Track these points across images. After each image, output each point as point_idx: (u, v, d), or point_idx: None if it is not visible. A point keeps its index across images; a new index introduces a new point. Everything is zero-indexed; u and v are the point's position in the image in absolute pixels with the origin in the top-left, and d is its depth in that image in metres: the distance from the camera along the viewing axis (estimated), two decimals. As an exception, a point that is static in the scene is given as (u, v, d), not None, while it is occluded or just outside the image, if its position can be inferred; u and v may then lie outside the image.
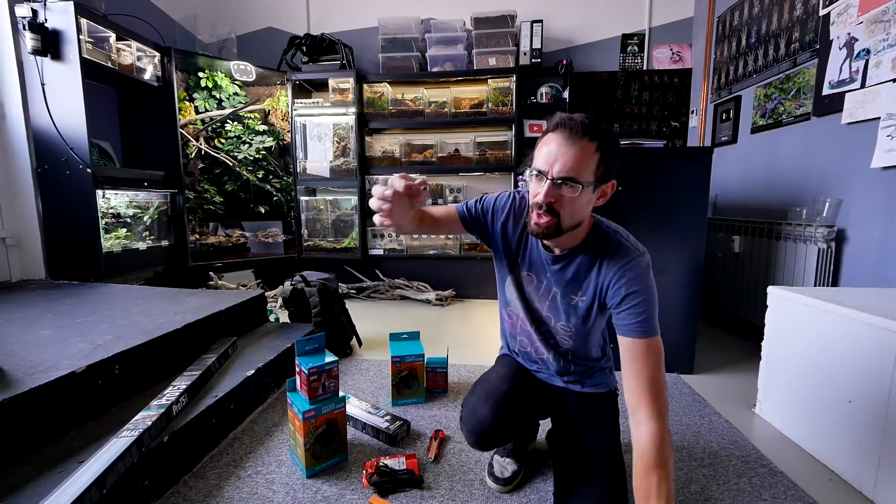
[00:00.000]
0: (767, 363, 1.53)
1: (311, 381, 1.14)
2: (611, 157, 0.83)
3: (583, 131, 0.79)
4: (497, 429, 1.02)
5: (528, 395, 1.11)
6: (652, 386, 0.83)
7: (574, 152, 0.79)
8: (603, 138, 0.81)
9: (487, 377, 1.12)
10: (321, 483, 1.14)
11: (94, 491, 0.84)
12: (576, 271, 0.94)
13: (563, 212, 0.83)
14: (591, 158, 0.80)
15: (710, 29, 2.92)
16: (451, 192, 3.30)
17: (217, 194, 3.08)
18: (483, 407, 1.02)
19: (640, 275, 0.88)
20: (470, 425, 1.04)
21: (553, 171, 0.81)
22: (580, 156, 0.79)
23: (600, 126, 0.81)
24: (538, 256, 0.99)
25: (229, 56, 3.16)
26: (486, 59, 3.10)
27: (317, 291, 2.05)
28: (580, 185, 0.80)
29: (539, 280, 1.02)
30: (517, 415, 1.07)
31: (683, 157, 1.87)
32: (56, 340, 1.30)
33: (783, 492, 1.12)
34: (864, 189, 1.75)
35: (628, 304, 0.87)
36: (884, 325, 1.09)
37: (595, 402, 1.10)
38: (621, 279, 0.88)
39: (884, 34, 1.62)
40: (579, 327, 1.01)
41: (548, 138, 0.83)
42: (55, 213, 2.19)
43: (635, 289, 0.87)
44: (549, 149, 0.82)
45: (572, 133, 0.79)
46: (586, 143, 0.80)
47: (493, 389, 1.05)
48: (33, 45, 2.00)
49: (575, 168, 0.79)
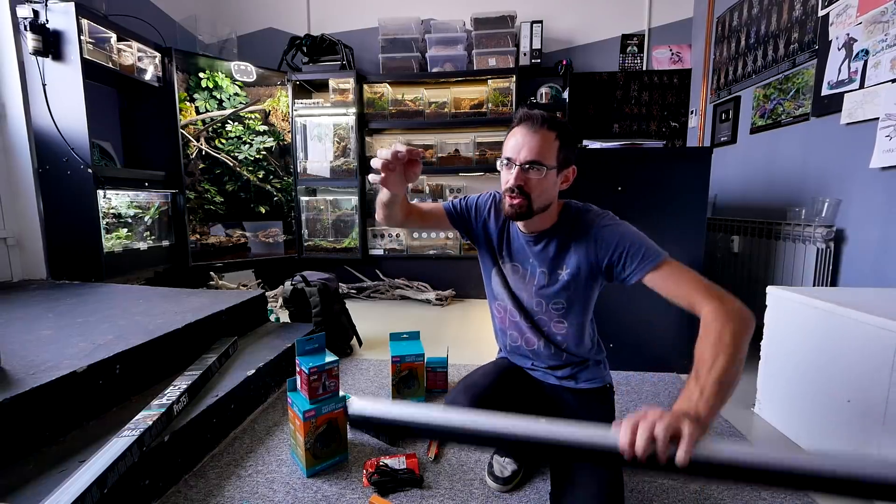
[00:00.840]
0: (767, 363, 1.53)
1: (311, 380, 1.14)
2: (569, 145, 0.96)
3: (542, 122, 0.92)
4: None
5: (512, 393, 1.12)
6: (696, 283, 0.84)
7: (537, 140, 0.91)
8: (560, 128, 0.94)
9: (472, 374, 1.15)
10: (321, 482, 1.14)
11: (95, 490, 0.84)
12: (556, 248, 1.02)
13: (532, 193, 0.94)
14: (552, 145, 0.92)
15: (710, 29, 2.92)
16: (451, 192, 3.31)
17: (217, 194, 3.09)
18: (460, 398, 1.05)
19: (613, 228, 0.97)
20: None
21: (520, 157, 0.92)
22: (542, 142, 0.91)
23: (558, 119, 0.95)
24: (520, 244, 1.08)
25: (230, 56, 3.17)
26: (485, 60, 3.10)
27: (317, 291, 2.05)
28: (545, 168, 0.92)
29: (524, 267, 1.08)
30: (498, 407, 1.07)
31: (683, 157, 1.87)
32: (57, 340, 1.31)
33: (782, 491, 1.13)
34: (863, 189, 1.75)
35: (622, 252, 0.93)
36: (882, 324, 1.09)
37: (590, 399, 1.11)
38: (602, 240, 0.96)
39: (882, 35, 1.62)
40: (571, 301, 1.04)
41: (514, 131, 0.95)
42: (56, 213, 2.19)
43: (617, 239, 0.95)
44: (516, 139, 0.93)
45: (534, 123, 0.92)
46: (546, 132, 0.92)
47: (472, 383, 1.09)
48: (34, 46, 2.01)
49: (539, 153, 0.91)
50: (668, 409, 0.63)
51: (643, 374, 1.84)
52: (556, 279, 1.04)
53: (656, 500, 1.09)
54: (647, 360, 1.87)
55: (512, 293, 1.11)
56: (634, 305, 1.82)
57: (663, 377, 1.81)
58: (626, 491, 1.12)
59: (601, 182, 1.80)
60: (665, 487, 1.14)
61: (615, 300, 1.71)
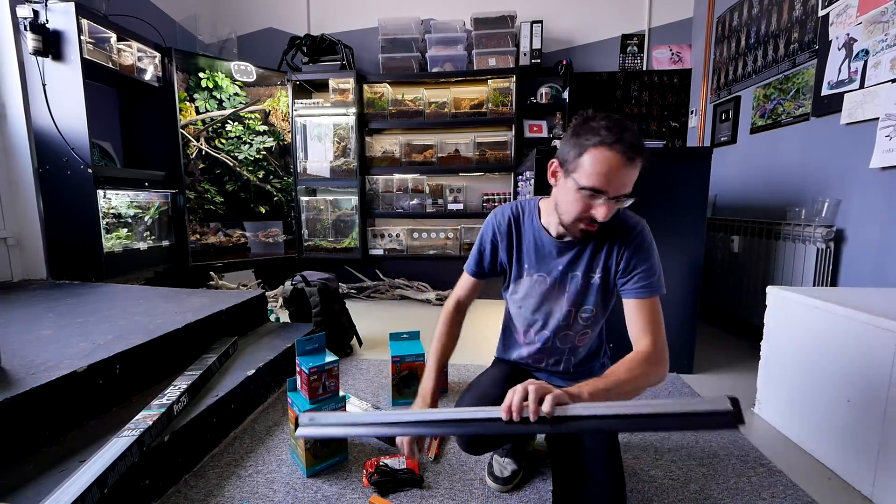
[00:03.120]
0: (766, 363, 1.53)
1: (311, 380, 1.14)
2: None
3: (638, 153, 0.82)
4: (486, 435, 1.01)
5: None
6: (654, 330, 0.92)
7: (633, 173, 0.84)
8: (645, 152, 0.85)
9: (479, 381, 1.12)
10: (321, 482, 1.14)
11: (95, 490, 0.84)
12: (591, 251, 0.99)
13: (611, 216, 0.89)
14: (636, 175, 0.85)
15: (710, 29, 2.92)
16: (451, 192, 3.31)
17: (217, 194, 3.09)
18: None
19: (644, 243, 0.96)
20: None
21: (620, 191, 0.84)
22: (634, 175, 0.84)
23: (641, 139, 0.84)
24: (547, 251, 1.03)
25: (230, 56, 3.17)
26: (485, 60, 3.10)
27: (317, 291, 2.05)
28: (630, 198, 0.86)
29: (552, 276, 1.03)
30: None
31: (683, 157, 1.87)
32: (57, 340, 1.31)
33: (782, 491, 1.13)
34: (862, 189, 1.75)
35: (638, 271, 0.94)
36: (882, 324, 1.09)
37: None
38: (629, 250, 0.95)
39: (882, 35, 1.62)
40: (600, 306, 1.03)
41: (604, 156, 0.82)
42: (56, 213, 2.19)
43: (642, 256, 0.95)
44: (610, 168, 0.82)
45: (634, 154, 0.82)
46: (639, 164, 0.84)
47: (483, 394, 1.04)
48: (34, 46, 2.01)
49: (631, 185, 0.85)
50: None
51: (643, 374, 1.84)
52: (588, 281, 1.00)
53: (656, 500, 1.09)
54: (647, 360, 1.87)
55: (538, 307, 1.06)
56: (634, 305, 1.82)
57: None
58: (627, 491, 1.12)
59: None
60: (665, 487, 1.14)
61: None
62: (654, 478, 1.18)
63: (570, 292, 1.02)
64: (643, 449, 1.32)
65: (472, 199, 3.39)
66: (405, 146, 3.28)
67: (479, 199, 3.36)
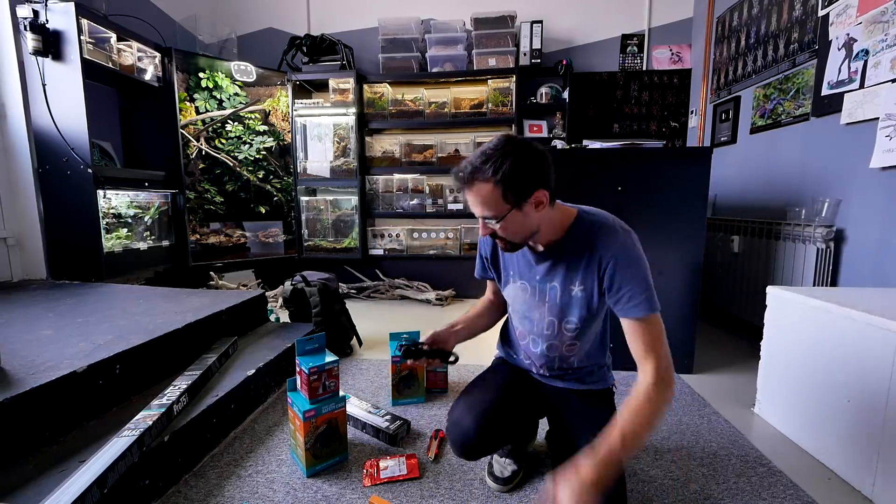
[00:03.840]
0: (766, 363, 1.53)
1: (311, 380, 1.14)
2: (515, 182, 0.84)
3: (469, 179, 0.86)
4: (482, 439, 1.01)
5: (518, 400, 1.10)
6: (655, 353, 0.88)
7: (474, 197, 0.87)
8: (497, 173, 0.83)
9: (473, 385, 1.12)
10: (321, 482, 1.14)
11: (95, 490, 0.84)
12: (567, 263, 0.97)
13: (506, 236, 0.91)
14: (492, 195, 0.85)
15: (710, 29, 2.92)
16: (451, 192, 3.30)
17: (217, 194, 3.09)
18: (466, 418, 1.02)
19: (630, 258, 0.91)
20: (453, 436, 1.04)
21: (475, 213, 0.90)
22: (482, 198, 0.86)
23: (491, 161, 0.83)
24: (525, 261, 1.04)
25: (230, 56, 3.17)
26: (485, 60, 3.10)
27: (317, 291, 2.05)
28: (496, 219, 0.87)
29: (531, 285, 1.03)
30: (504, 423, 1.06)
31: (683, 157, 1.87)
32: (57, 340, 1.31)
33: (782, 491, 1.13)
34: (862, 189, 1.75)
35: (625, 290, 0.90)
36: (882, 324, 1.09)
37: (594, 400, 1.11)
38: (611, 266, 0.91)
39: (882, 35, 1.62)
40: (585, 320, 1.00)
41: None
42: (56, 213, 2.19)
43: (626, 273, 0.90)
44: (466, 196, 0.90)
45: (463, 182, 0.87)
46: (480, 185, 0.85)
47: (476, 399, 1.04)
48: (34, 46, 2.01)
49: (484, 207, 0.87)
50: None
51: (643, 374, 1.84)
52: (569, 293, 0.98)
53: (656, 500, 1.09)
54: (647, 360, 1.87)
55: (525, 314, 1.07)
56: (634, 305, 1.82)
57: None
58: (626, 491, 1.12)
59: (601, 182, 1.80)
60: (665, 487, 1.14)
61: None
62: (654, 478, 1.18)
63: (549, 303, 1.01)
64: (643, 449, 1.32)
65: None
66: (405, 146, 3.28)
67: (479, 199, 3.36)
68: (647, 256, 0.95)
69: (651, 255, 0.95)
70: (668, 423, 1.46)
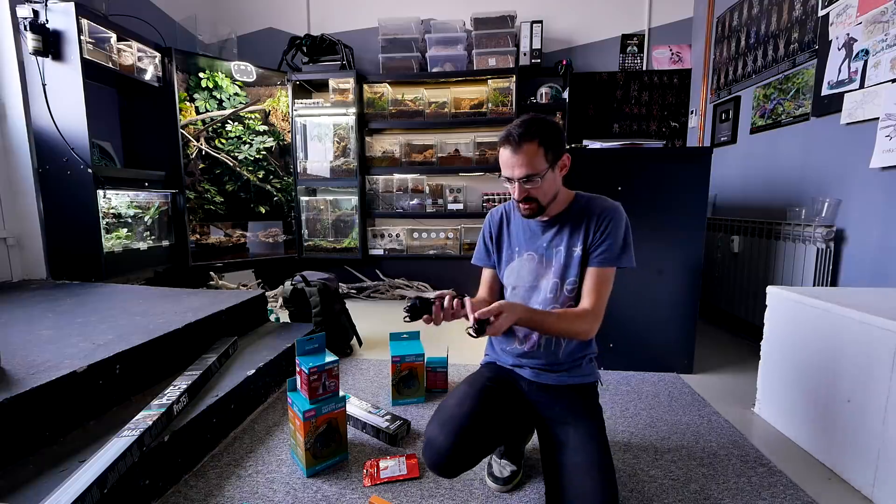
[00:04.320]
0: (766, 363, 1.53)
1: (311, 380, 1.14)
2: (553, 142, 1.01)
3: (520, 139, 0.99)
4: (456, 456, 0.98)
5: (499, 409, 1.07)
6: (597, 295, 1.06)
7: (522, 157, 1.00)
8: (540, 134, 0.99)
9: (446, 402, 1.07)
10: (321, 482, 1.14)
11: (95, 490, 0.84)
12: (570, 228, 1.11)
13: (538, 196, 1.04)
14: (537, 154, 1.00)
15: (710, 29, 2.92)
16: (451, 192, 3.31)
17: (217, 194, 3.09)
18: (439, 436, 0.98)
19: (613, 221, 1.07)
20: (427, 456, 1.00)
21: (515, 175, 1.02)
22: (528, 157, 0.99)
23: (534, 125, 1.00)
24: (532, 231, 1.15)
25: (230, 56, 3.17)
26: (485, 60, 3.10)
27: (317, 291, 2.05)
28: (539, 177, 1.01)
29: (539, 253, 1.13)
30: (482, 438, 1.02)
31: (683, 157, 1.87)
32: (57, 340, 1.31)
33: (782, 491, 1.13)
34: (862, 189, 1.75)
35: (602, 245, 1.06)
36: (882, 324, 1.09)
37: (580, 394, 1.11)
38: (600, 228, 1.07)
39: (883, 35, 1.62)
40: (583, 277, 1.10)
41: (501, 151, 1.04)
42: (56, 213, 2.19)
43: (608, 232, 1.06)
44: (505, 160, 1.03)
45: (514, 143, 1.00)
46: (528, 146, 0.99)
47: (449, 416, 1.01)
48: (34, 46, 2.01)
49: (529, 166, 1.00)
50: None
51: (643, 374, 1.84)
52: (571, 255, 1.09)
53: (656, 500, 1.09)
54: (647, 360, 1.87)
55: (529, 284, 1.13)
56: (635, 305, 1.82)
57: (663, 377, 1.81)
58: (626, 491, 1.12)
59: (601, 182, 1.80)
60: (665, 487, 1.14)
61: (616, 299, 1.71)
62: (654, 478, 1.18)
63: (555, 265, 1.11)
64: (643, 449, 1.32)
65: (472, 199, 3.39)
66: (405, 146, 3.28)
67: (479, 199, 3.36)
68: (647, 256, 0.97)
69: (651, 255, 0.96)
70: (669, 423, 1.46)
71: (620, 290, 1.20)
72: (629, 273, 1.74)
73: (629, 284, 1.78)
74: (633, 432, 1.41)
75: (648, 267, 1.79)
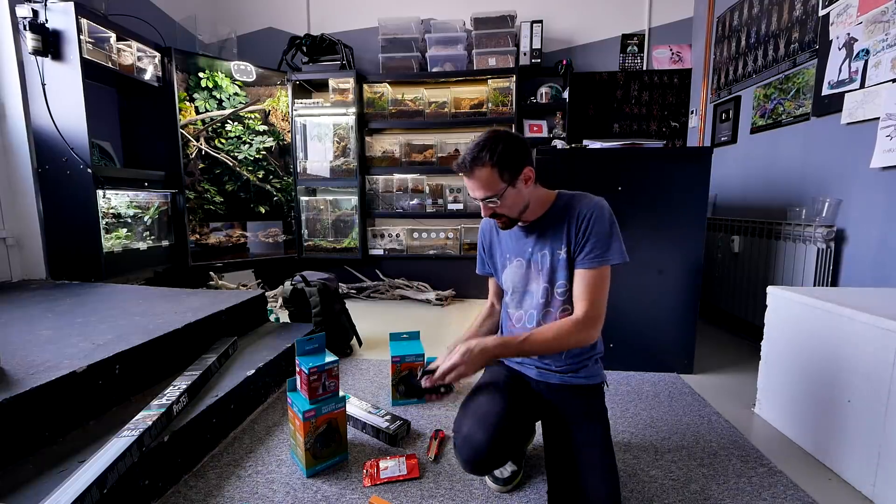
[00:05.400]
0: (767, 363, 1.53)
1: (311, 380, 1.14)
2: (508, 161, 0.99)
3: (469, 166, 1.00)
4: (494, 453, 0.99)
5: (521, 406, 1.08)
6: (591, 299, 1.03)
7: (475, 182, 1.01)
8: (492, 157, 0.98)
9: (477, 397, 1.08)
10: (321, 483, 1.14)
11: (94, 490, 0.84)
12: (552, 230, 1.09)
13: (505, 212, 1.05)
14: (490, 177, 0.99)
15: (710, 29, 2.92)
16: (451, 192, 3.30)
17: (217, 194, 3.09)
18: (478, 433, 0.98)
19: (597, 218, 1.04)
20: (466, 454, 0.99)
21: (475, 196, 1.04)
22: (481, 181, 1.00)
23: (484, 148, 0.99)
24: (516, 238, 1.15)
25: (229, 56, 3.17)
26: (486, 60, 3.10)
27: (317, 291, 2.05)
28: (497, 197, 1.01)
29: (525, 258, 1.13)
30: (515, 434, 1.03)
31: (683, 157, 1.87)
32: (57, 340, 1.30)
33: (783, 491, 1.13)
34: (863, 189, 1.75)
35: (589, 245, 1.04)
36: (883, 324, 1.09)
37: (588, 394, 1.11)
38: (583, 227, 1.05)
39: (883, 34, 1.62)
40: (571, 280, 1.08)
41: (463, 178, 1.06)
42: (56, 213, 2.19)
43: (593, 230, 1.04)
44: (465, 183, 1.05)
45: (467, 170, 1.01)
46: (479, 171, 1.00)
47: (486, 412, 1.01)
48: (34, 46, 2.01)
49: (484, 189, 1.01)
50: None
51: (643, 374, 1.84)
52: (556, 258, 1.08)
53: (656, 500, 1.09)
54: (647, 360, 1.87)
55: (522, 289, 1.14)
56: (635, 305, 1.82)
57: (663, 377, 1.81)
58: (627, 491, 1.12)
59: (601, 182, 1.80)
60: (665, 487, 1.14)
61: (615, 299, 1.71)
62: (654, 478, 1.18)
63: (543, 270, 1.10)
64: (643, 449, 1.32)
65: (472, 200, 3.38)
66: (405, 146, 3.28)
67: (479, 199, 3.36)
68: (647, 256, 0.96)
69: (651, 255, 0.96)
70: (669, 423, 1.46)
71: (620, 290, 1.20)
72: (629, 273, 1.74)
73: (629, 284, 1.78)
74: (633, 432, 1.41)
75: (648, 267, 1.79)
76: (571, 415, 1.06)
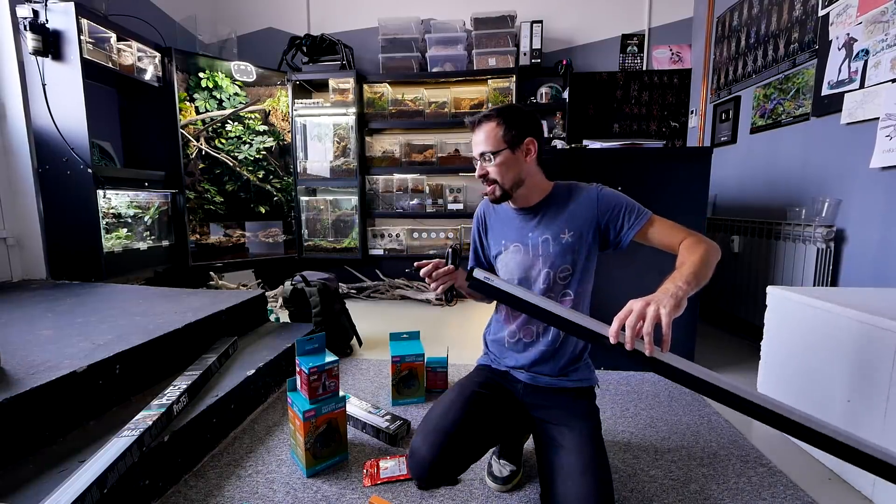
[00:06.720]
0: (767, 363, 1.53)
1: (311, 380, 1.14)
2: (514, 122, 1.03)
3: (480, 119, 1.05)
4: (438, 469, 0.99)
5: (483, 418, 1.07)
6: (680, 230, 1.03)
7: (480, 135, 1.05)
8: (502, 115, 1.03)
9: (432, 412, 1.08)
10: (321, 482, 1.14)
11: (94, 490, 0.84)
12: (556, 214, 1.10)
13: (497, 177, 1.05)
14: (494, 132, 1.03)
15: (710, 29, 2.92)
16: (451, 192, 3.31)
17: (217, 194, 3.09)
18: (423, 447, 1.00)
19: (610, 191, 1.09)
20: (410, 467, 1.03)
21: (474, 152, 1.07)
22: (485, 135, 1.04)
23: (499, 108, 1.05)
24: (516, 223, 1.14)
25: (230, 56, 3.17)
26: (485, 60, 3.10)
27: (317, 291, 2.05)
28: (493, 154, 1.03)
29: (525, 243, 1.11)
30: (467, 448, 1.03)
31: (683, 157, 1.87)
32: (57, 340, 1.31)
33: (782, 491, 1.13)
34: (863, 189, 1.75)
35: (620, 211, 1.06)
36: (883, 324, 1.09)
37: (578, 396, 1.11)
38: (603, 199, 1.07)
39: (883, 34, 1.62)
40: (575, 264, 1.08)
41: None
42: (56, 213, 2.19)
43: (616, 199, 1.07)
44: (473, 140, 1.08)
45: (476, 124, 1.06)
46: (486, 124, 1.04)
47: (433, 428, 1.02)
48: (34, 46, 2.01)
49: (485, 143, 1.04)
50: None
51: (643, 374, 1.84)
52: (560, 242, 1.07)
53: (656, 500, 1.09)
54: (647, 360, 1.87)
55: (520, 275, 1.12)
56: (634, 305, 1.82)
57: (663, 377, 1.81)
58: (626, 491, 1.12)
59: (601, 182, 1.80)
60: (665, 487, 1.14)
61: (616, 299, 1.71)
62: (654, 478, 1.18)
63: (543, 255, 1.09)
64: (643, 449, 1.32)
65: (472, 199, 3.39)
66: (405, 146, 3.28)
67: (479, 199, 3.35)
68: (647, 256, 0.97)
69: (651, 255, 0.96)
70: (669, 423, 1.46)
71: (620, 290, 1.19)
72: (629, 273, 1.74)
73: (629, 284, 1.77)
74: (633, 432, 1.41)
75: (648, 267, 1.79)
76: (560, 416, 1.06)
